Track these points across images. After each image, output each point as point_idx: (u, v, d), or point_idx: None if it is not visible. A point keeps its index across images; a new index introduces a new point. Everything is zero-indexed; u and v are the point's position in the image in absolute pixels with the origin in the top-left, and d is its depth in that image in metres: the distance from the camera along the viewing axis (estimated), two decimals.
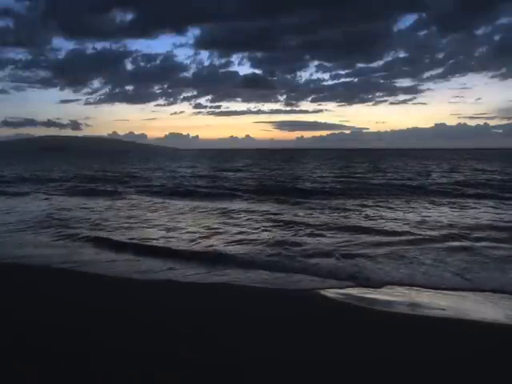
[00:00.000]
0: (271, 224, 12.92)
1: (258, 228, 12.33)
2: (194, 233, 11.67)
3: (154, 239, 10.77)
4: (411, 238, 10.55)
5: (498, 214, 14.89)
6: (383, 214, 14.82)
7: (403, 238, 10.57)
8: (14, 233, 11.91)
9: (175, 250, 9.60)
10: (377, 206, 16.96)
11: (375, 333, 5.23)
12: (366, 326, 5.48)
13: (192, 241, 10.58)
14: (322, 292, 6.92)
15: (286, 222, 13.05)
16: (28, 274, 7.89)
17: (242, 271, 8.03)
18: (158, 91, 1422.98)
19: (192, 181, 30.75)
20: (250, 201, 19.26)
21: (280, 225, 12.71)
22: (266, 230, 12.01)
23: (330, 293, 6.87)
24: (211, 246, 10.10)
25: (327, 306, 6.27)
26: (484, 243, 9.95)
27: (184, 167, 53.79)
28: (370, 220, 13.49)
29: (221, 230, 11.97)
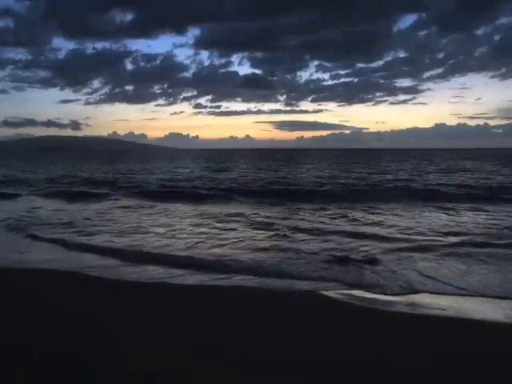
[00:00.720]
0: (269, 227, 12.61)
1: (255, 231, 12.11)
2: (188, 236, 11.38)
3: (149, 243, 10.48)
4: (413, 243, 10.29)
5: (497, 215, 14.79)
6: (383, 217, 14.56)
7: (404, 243, 10.31)
8: None
9: (168, 255, 9.29)
10: (376, 208, 16.77)
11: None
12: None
13: (186, 245, 10.24)
14: (325, 293, 6.84)
15: (284, 226, 12.79)
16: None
17: (244, 276, 7.86)
18: (157, 91, 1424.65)
19: (189, 182, 30.35)
20: (246, 204, 19.04)
21: (278, 228, 12.41)
22: (264, 233, 11.78)
23: (334, 295, 6.77)
24: (209, 250, 9.85)
25: (331, 309, 6.20)
26: (485, 248, 9.75)
27: (182, 167, 53.62)
28: (371, 224, 13.19)
29: (217, 235, 11.56)
